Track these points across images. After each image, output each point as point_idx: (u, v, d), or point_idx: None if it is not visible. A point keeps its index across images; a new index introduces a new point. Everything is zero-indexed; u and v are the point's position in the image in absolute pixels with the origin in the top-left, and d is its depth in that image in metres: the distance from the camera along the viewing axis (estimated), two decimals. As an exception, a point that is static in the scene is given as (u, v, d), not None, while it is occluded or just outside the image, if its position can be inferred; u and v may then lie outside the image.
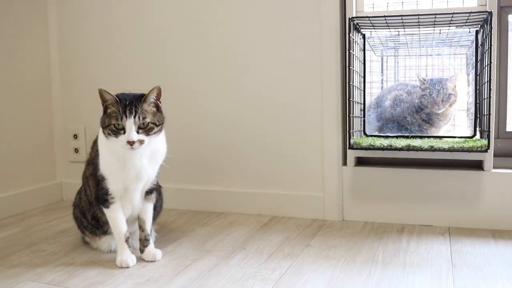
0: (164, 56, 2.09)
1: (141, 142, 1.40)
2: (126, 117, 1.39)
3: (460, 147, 1.67)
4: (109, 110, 1.42)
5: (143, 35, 2.12)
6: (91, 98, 2.23)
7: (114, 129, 1.40)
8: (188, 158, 2.09)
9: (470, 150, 1.66)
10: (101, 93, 1.41)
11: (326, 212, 1.91)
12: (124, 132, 1.39)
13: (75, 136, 2.30)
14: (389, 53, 1.98)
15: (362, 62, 1.87)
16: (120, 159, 1.46)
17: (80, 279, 1.41)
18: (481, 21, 1.68)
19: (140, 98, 1.42)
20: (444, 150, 1.68)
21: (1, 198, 2.06)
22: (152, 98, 1.44)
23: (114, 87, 1.49)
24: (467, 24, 1.71)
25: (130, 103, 1.40)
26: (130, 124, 1.39)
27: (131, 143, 1.38)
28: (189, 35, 2.04)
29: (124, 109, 1.39)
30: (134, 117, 1.39)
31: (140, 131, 1.41)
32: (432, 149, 1.69)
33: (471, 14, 1.64)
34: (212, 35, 2.01)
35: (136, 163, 1.47)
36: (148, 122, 1.42)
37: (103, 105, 1.43)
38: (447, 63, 1.92)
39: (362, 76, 1.87)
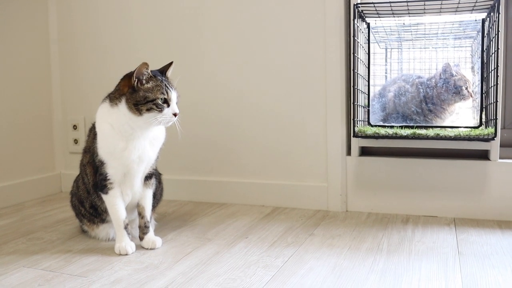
0: (167, 46, 2.07)
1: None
2: (170, 90, 1.41)
3: (467, 135, 1.64)
4: (148, 85, 1.39)
5: (145, 24, 2.09)
6: (91, 89, 2.20)
7: (159, 103, 1.39)
8: (190, 148, 2.06)
9: (477, 138, 1.63)
10: (140, 69, 1.37)
11: (329, 203, 1.88)
12: (168, 106, 1.40)
13: (75, 127, 2.27)
14: (393, 46, 1.95)
15: (367, 52, 1.84)
16: (124, 139, 1.42)
17: (77, 266, 1.37)
18: (488, 7, 1.65)
19: (164, 74, 1.46)
20: (450, 138, 1.65)
21: (-2, 188, 2.03)
22: (170, 73, 1.48)
23: (116, 75, 1.46)
24: (474, 10, 1.68)
25: (162, 78, 1.43)
26: (175, 97, 1.42)
27: (176, 114, 1.42)
28: (194, 24, 2.02)
29: (164, 82, 1.41)
30: (175, 89, 1.43)
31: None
32: (438, 137, 1.66)
33: (478, 0, 1.61)
34: (219, 20, 1.99)
35: (141, 142, 1.45)
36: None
37: (134, 81, 1.38)
38: (452, 55, 1.89)
39: (367, 66, 1.84)
